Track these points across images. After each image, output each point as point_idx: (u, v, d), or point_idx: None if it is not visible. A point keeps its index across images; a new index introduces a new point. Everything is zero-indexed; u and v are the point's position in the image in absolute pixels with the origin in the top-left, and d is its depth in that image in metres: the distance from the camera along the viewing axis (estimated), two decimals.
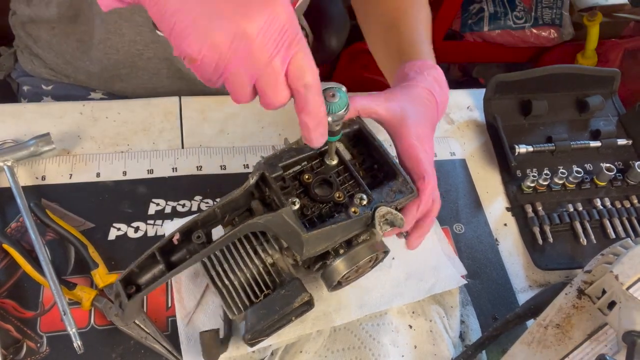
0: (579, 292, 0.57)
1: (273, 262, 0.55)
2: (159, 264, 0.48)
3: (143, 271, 0.48)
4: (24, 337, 0.58)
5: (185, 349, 0.59)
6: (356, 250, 0.52)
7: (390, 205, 0.51)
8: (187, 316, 0.60)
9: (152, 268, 0.48)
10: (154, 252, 0.48)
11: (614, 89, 0.88)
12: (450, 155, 0.81)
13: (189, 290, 0.62)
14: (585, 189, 0.79)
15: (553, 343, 0.55)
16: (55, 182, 0.69)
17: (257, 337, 0.54)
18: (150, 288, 0.47)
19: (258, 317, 0.52)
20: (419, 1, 0.75)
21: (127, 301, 0.47)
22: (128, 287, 0.48)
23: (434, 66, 0.63)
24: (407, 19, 0.71)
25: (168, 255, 0.49)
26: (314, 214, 0.52)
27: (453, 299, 0.66)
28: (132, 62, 0.82)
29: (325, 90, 0.45)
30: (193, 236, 0.48)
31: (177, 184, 0.71)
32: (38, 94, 0.91)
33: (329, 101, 0.44)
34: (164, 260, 0.48)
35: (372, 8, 0.76)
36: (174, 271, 0.47)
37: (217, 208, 0.49)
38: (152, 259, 0.48)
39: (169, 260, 0.48)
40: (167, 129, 0.77)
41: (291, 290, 0.53)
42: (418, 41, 0.68)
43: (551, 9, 1.85)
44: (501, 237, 0.74)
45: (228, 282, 0.54)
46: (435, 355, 0.62)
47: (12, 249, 0.61)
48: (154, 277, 0.48)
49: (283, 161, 0.52)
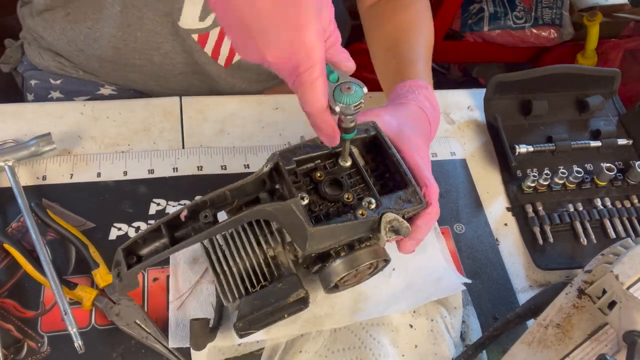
0: (580, 292, 0.57)
1: (274, 255, 0.55)
2: (163, 237, 0.48)
3: (146, 243, 0.49)
4: (25, 336, 0.58)
5: (173, 333, 0.59)
6: (357, 254, 0.52)
7: (398, 213, 0.51)
8: (179, 299, 0.61)
9: (156, 241, 0.49)
10: (160, 226, 0.48)
11: (614, 88, 0.88)
12: (451, 155, 0.81)
13: (185, 276, 0.63)
14: (585, 189, 0.79)
15: (553, 343, 0.55)
16: (56, 182, 0.69)
17: (247, 328, 0.54)
18: (151, 261, 0.47)
19: (251, 307, 0.52)
20: (421, 23, 0.77)
21: (127, 271, 0.47)
22: (129, 256, 0.48)
23: (425, 86, 0.65)
24: (407, 40, 0.73)
25: (173, 230, 0.49)
26: (321, 211, 0.52)
27: (456, 299, 0.65)
28: (148, 54, 0.82)
29: (343, 83, 0.45)
30: (200, 215, 0.48)
31: (178, 184, 0.71)
32: (46, 89, 0.90)
33: (343, 92, 0.44)
34: (168, 235, 0.48)
35: (376, 28, 0.78)
36: (176, 246, 0.47)
37: (228, 191, 0.50)
38: (157, 232, 0.48)
39: (173, 236, 0.49)
40: (168, 129, 0.77)
41: (288, 285, 0.53)
42: (414, 61, 0.70)
43: (551, 9, 1.85)
44: (501, 237, 0.74)
45: (227, 268, 0.54)
46: (436, 355, 0.62)
47: (13, 248, 0.61)
48: (156, 249, 0.48)
49: (297, 156, 0.52)
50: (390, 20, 0.77)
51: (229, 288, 0.54)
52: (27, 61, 0.92)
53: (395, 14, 0.77)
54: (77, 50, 0.85)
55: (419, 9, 0.78)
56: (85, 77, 0.90)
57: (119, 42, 0.80)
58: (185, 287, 0.62)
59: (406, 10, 0.78)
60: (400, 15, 0.77)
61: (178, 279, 0.62)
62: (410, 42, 0.73)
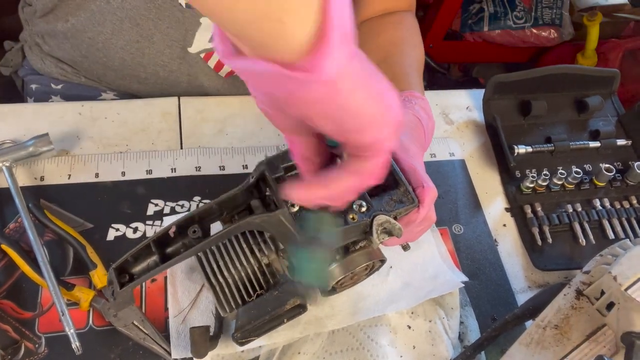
0: (578, 293, 0.57)
1: (269, 263, 0.55)
2: (153, 255, 0.48)
3: (138, 261, 0.48)
4: (22, 337, 0.58)
5: (175, 343, 0.59)
6: (352, 257, 0.52)
7: (390, 215, 0.50)
8: (181, 314, 0.60)
9: (147, 258, 0.48)
10: (149, 243, 0.48)
11: (614, 89, 0.88)
12: (450, 155, 0.81)
13: (184, 286, 0.62)
14: (584, 190, 0.78)
15: (552, 344, 0.55)
16: (54, 183, 0.69)
17: (246, 337, 0.54)
18: (143, 278, 0.47)
19: (249, 317, 0.52)
20: (412, 38, 0.78)
21: (120, 290, 0.47)
22: (121, 275, 0.48)
23: (421, 96, 0.66)
24: (400, 53, 0.74)
25: (163, 247, 0.49)
26: None
27: (453, 300, 0.65)
28: (154, 70, 0.83)
29: None
30: (189, 230, 0.48)
31: (176, 185, 0.71)
32: (47, 93, 0.89)
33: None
34: (158, 252, 0.48)
35: (369, 41, 0.78)
36: (167, 263, 0.47)
37: (216, 204, 0.49)
38: (147, 249, 0.48)
39: (164, 252, 0.48)
40: (166, 130, 0.77)
41: (284, 293, 0.53)
42: (407, 74, 0.70)
43: (551, 9, 1.85)
44: (500, 237, 0.74)
45: (222, 280, 0.54)
46: (434, 356, 0.62)
47: (11, 249, 0.61)
48: (147, 267, 0.48)
49: (285, 162, 0.51)
50: (382, 35, 0.78)
51: (226, 299, 0.53)
52: (28, 65, 0.91)
53: (386, 29, 0.79)
54: (81, 57, 0.84)
55: (409, 26, 0.80)
56: (87, 82, 0.89)
57: (126, 55, 0.80)
58: (184, 297, 0.62)
59: (397, 26, 0.79)
60: (391, 31, 0.78)
61: (177, 289, 0.62)
62: (403, 55, 0.74)
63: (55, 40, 0.84)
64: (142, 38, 0.78)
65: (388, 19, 0.80)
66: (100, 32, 0.78)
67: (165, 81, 0.85)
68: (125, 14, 0.75)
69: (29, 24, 0.87)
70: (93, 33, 0.78)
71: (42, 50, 0.87)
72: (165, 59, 0.81)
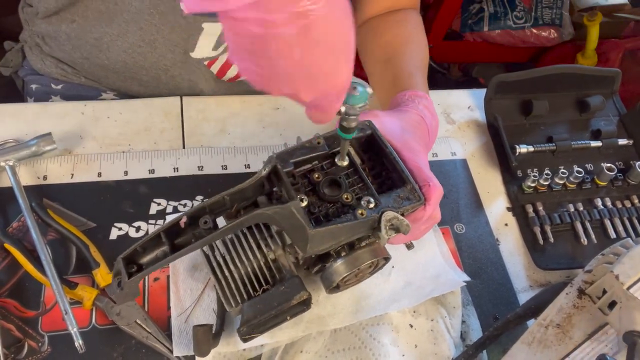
0: (580, 292, 0.57)
1: (275, 258, 0.55)
2: (163, 245, 0.48)
3: (146, 251, 0.48)
4: (26, 336, 0.58)
5: (177, 341, 0.59)
6: (358, 254, 0.52)
7: (397, 211, 0.51)
8: (183, 314, 0.61)
9: (156, 249, 0.48)
10: (160, 233, 0.48)
11: (615, 88, 0.88)
12: (451, 155, 0.81)
13: (187, 284, 0.63)
14: (586, 189, 0.79)
15: (553, 343, 0.55)
16: (57, 182, 0.69)
17: (251, 332, 0.54)
18: (152, 269, 0.47)
19: (254, 312, 0.52)
20: (416, 37, 0.78)
21: (127, 280, 0.47)
22: (129, 265, 0.48)
23: (424, 95, 0.66)
24: (404, 52, 0.74)
25: (173, 237, 0.49)
26: (320, 212, 0.52)
27: (455, 299, 0.66)
28: (156, 73, 0.83)
29: None
30: (200, 221, 0.48)
31: (179, 184, 0.71)
32: (47, 93, 0.89)
33: (349, 93, 0.44)
34: (168, 242, 0.48)
35: (371, 42, 0.78)
36: (177, 254, 0.47)
37: (227, 195, 0.50)
38: (157, 239, 0.48)
39: (174, 243, 0.49)
40: (168, 129, 0.77)
41: (290, 287, 0.53)
42: (411, 73, 0.70)
43: (551, 9, 1.85)
44: (502, 237, 0.74)
45: (228, 274, 0.54)
46: (436, 355, 0.62)
47: (14, 248, 0.61)
48: (156, 258, 0.48)
49: (294, 158, 0.52)
50: (386, 34, 0.77)
51: (231, 293, 0.54)
52: (28, 65, 0.91)
53: (390, 28, 0.78)
54: (82, 58, 0.84)
55: (414, 24, 0.80)
56: (87, 83, 0.89)
57: (128, 58, 0.80)
58: (186, 296, 0.62)
59: (401, 25, 0.79)
60: (395, 30, 0.78)
61: (179, 287, 0.62)
62: (407, 54, 0.73)
63: (56, 42, 0.84)
64: (144, 42, 0.78)
65: (392, 17, 0.80)
66: (106, 33, 0.78)
67: (166, 85, 0.85)
68: (130, 17, 0.75)
69: (29, 24, 0.87)
70: (99, 34, 0.78)
71: (42, 51, 0.87)
72: (168, 63, 0.81)
